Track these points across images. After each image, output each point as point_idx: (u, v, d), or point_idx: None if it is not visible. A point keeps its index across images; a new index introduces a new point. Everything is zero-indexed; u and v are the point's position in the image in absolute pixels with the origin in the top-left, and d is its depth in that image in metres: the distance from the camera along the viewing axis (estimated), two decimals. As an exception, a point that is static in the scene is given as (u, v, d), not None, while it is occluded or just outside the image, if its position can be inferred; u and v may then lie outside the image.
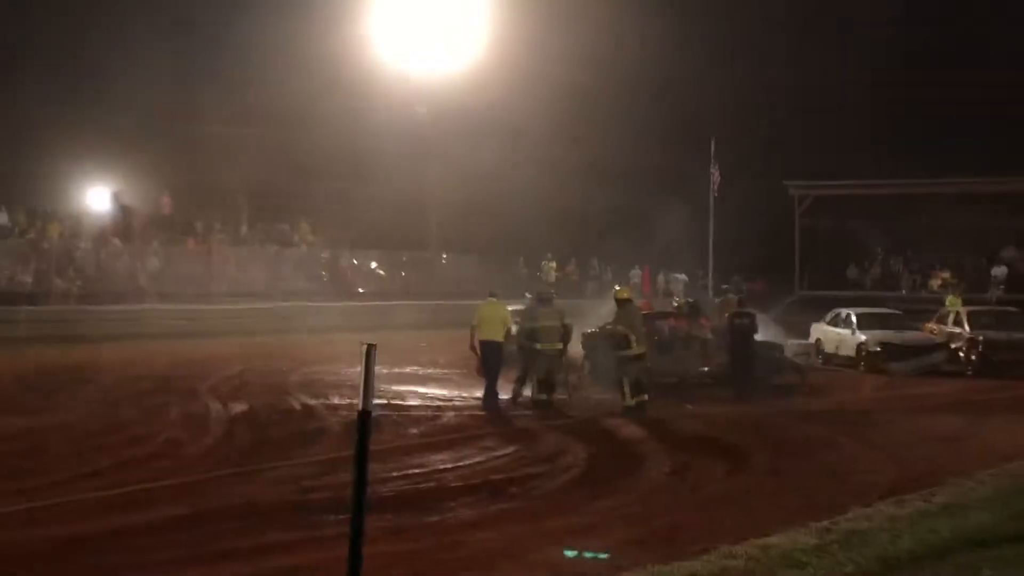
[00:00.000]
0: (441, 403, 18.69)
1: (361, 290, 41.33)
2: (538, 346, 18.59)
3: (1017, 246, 42.46)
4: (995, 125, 45.31)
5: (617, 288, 19.74)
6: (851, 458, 14.10)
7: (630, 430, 16.16)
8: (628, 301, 18.54)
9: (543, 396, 18.37)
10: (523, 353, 18.88)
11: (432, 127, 42.56)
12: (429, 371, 24.09)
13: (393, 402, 18.34)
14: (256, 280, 37.76)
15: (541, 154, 43.22)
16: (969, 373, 25.05)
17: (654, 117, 46.80)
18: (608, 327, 19.18)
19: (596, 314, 24.25)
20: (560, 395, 18.88)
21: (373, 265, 43.13)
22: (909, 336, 26.64)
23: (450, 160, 42.76)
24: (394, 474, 12.29)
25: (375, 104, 40.08)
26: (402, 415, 17.00)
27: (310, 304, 36.51)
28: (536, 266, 45.84)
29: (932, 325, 28.89)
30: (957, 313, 28.09)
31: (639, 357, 17.90)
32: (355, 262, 42.48)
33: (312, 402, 18.24)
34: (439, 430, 15.80)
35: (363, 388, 5.98)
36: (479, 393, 19.34)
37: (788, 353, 23.33)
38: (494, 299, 19.06)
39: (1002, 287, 39.13)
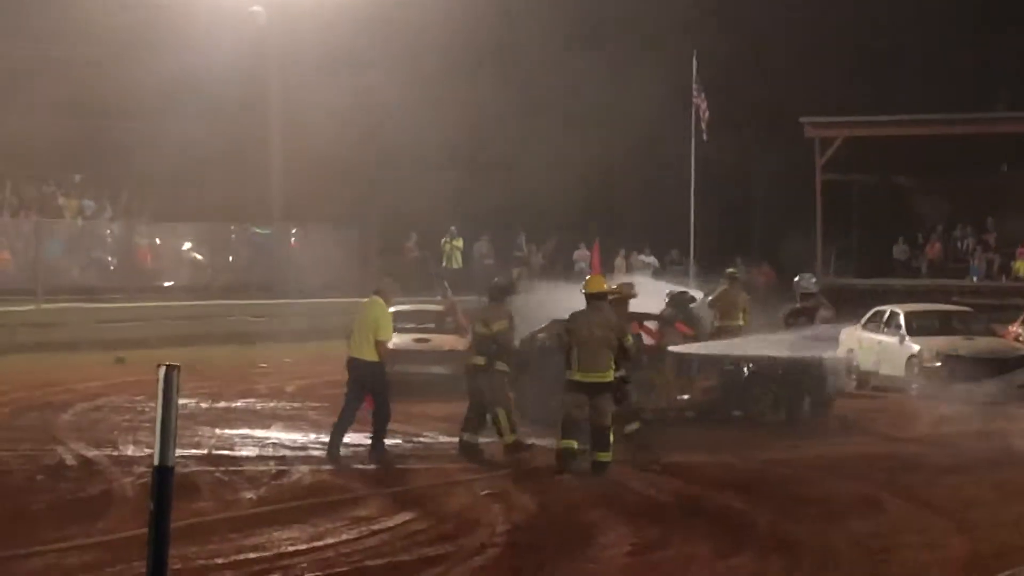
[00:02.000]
0: (290, 452, 18.62)
1: (168, 283, 40.95)
2: (469, 361, 18.89)
3: None
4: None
5: (589, 278, 19.56)
6: (898, 525, 14.27)
7: (574, 488, 16.20)
8: (602, 297, 18.15)
9: (464, 436, 18.62)
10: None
11: (279, 42, 42.29)
12: (271, 405, 23.98)
13: (217, 452, 18.21)
14: (6, 268, 37.36)
15: (445, 87, 43.20)
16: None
17: (606, 22, 47.01)
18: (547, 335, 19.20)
19: (523, 315, 24.25)
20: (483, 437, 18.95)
21: (186, 246, 42.74)
22: (983, 345, 27.06)
23: (304, 92, 42.49)
24: (218, 561, 12.18)
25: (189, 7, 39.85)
26: (231, 472, 16.88)
27: (90, 305, 36.11)
28: (435, 246, 45.81)
29: (1017, 328, 29.35)
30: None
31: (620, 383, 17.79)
32: (158, 241, 42.09)
33: (92, 453, 18.05)
34: (287, 493, 15.73)
35: (160, 431, 5.91)
36: (348, 436, 19.29)
37: (807, 372, 23.50)
38: (377, 297, 19.04)
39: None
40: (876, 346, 28.15)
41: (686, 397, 22.04)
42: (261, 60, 42.60)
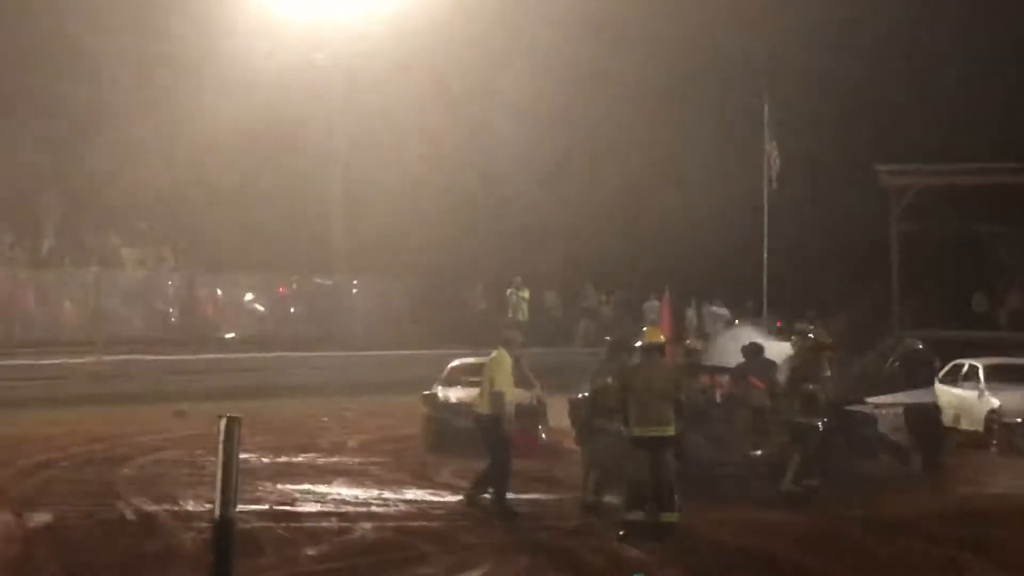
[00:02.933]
0: (352, 509, 18.61)
1: (229, 335, 41.18)
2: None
3: None
4: None
5: (646, 329, 19.52)
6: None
7: (641, 550, 16.05)
8: (659, 348, 17.92)
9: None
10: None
11: (340, 85, 42.61)
12: (333, 460, 23.98)
13: (278, 508, 18.25)
14: (67, 319, 37.56)
15: (507, 133, 43.40)
16: None
17: (679, 69, 47.06)
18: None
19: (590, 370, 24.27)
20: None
21: (248, 297, 42.99)
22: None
23: (366, 137, 42.72)
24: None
25: (245, 52, 40.19)
26: (292, 528, 16.91)
27: (150, 357, 36.34)
28: (500, 297, 45.85)
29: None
30: None
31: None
32: (219, 292, 42.36)
33: (152, 508, 18.11)
34: (350, 550, 15.70)
35: (220, 483, 5.91)
36: (411, 493, 19.30)
37: (883, 427, 23.37)
38: (502, 349, 19.30)
39: None
40: (955, 400, 27.93)
41: (759, 452, 21.88)
42: (322, 108, 42.88)
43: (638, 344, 18.05)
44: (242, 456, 17.66)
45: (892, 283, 44.79)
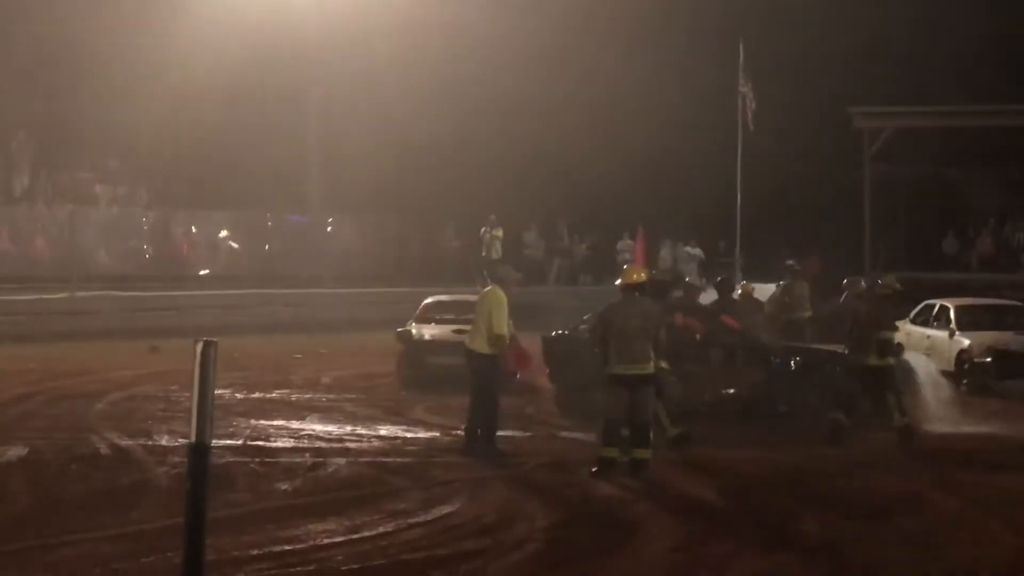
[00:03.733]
0: (326, 444, 18.63)
1: (204, 272, 41.10)
2: None
3: None
4: None
5: (625, 268, 19.44)
6: (947, 522, 14.26)
7: (615, 483, 16.18)
8: (639, 287, 17.65)
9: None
10: None
11: (318, 32, 42.40)
12: (307, 397, 24.03)
13: (252, 443, 18.26)
14: (41, 256, 37.57)
15: (485, 72, 43.26)
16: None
17: (652, 11, 46.92)
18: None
19: (565, 309, 24.32)
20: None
21: (222, 234, 42.89)
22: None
23: (342, 75, 42.55)
24: (253, 552, 12.21)
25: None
26: (266, 463, 16.94)
27: (125, 293, 36.27)
28: (473, 236, 45.79)
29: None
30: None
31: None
32: (194, 229, 42.27)
33: (126, 442, 18.12)
34: (324, 485, 15.75)
35: (197, 408, 5.86)
36: (384, 429, 19.27)
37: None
38: (495, 286, 18.87)
39: None
40: (925, 341, 28.08)
41: (731, 391, 21.98)
42: (300, 48, 42.64)
43: (617, 282, 17.94)
44: (216, 392, 17.72)
45: (864, 225, 44.91)
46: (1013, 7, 46.96)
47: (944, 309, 28.43)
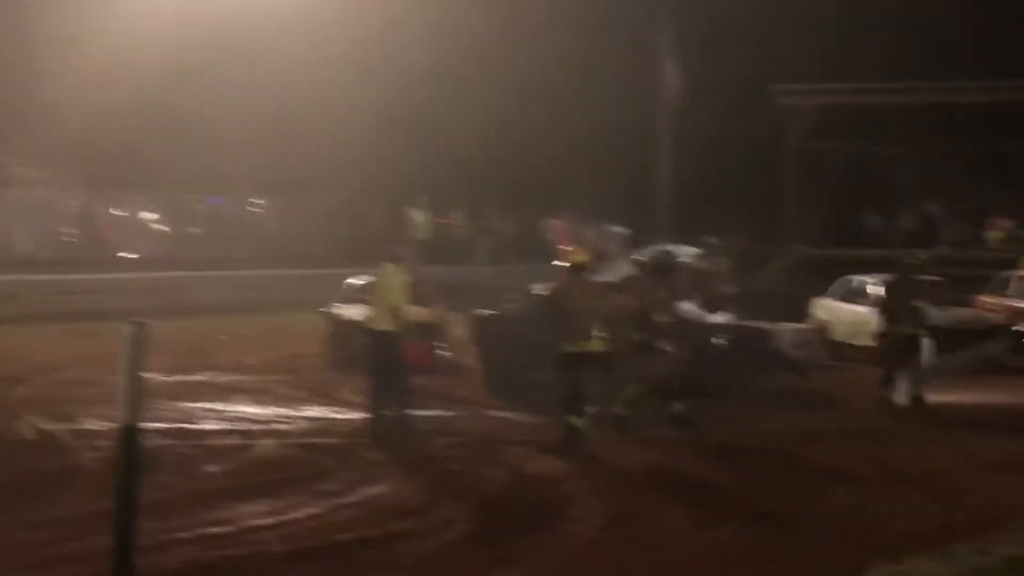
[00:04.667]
0: (254, 426, 18.55)
1: (129, 255, 40.81)
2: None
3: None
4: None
5: (571, 248, 19.44)
6: (875, 496, 14.38)
7: (545, 462, 16.20)
8: (585, 267, 17.94)
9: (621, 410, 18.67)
10: None
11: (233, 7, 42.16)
12: (234, 379, 23.88)
13: (180, 426, 18.13)
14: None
15: (412, 52, 43.13)
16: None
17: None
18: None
19: (492, 288, 24.30)
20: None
21: (147, 216, 42.63)
22: (955, 316, 27.11)
23: (268, 57, 42.35)
24: (182, 535, 12.15)
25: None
26: (195, 446, 16.82)
27: (48, 277, 35.97)
28: (400, 216, 45.73)
29: (989, 299, 29.46)
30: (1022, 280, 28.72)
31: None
32: (118, 212, 41.90)
33: (53, 427, 17.93)
34: (252, 467, 15.66)
35: (126, 390, 5.78)
36: (312, 410, 19.15)
37: (780, 343, 23.60)
38: (391, 265, 18.69)
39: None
40: (849, 317, 28.27)
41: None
42: (221, 27, 42.33)
43: (564, 263, 18.09)
44: (143, 374, 17.48)
45: (788, 202, 45.16)
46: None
47: (866, 286, 28.56)
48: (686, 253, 24.87)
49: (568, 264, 17.88)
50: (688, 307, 21.81)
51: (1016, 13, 46.33)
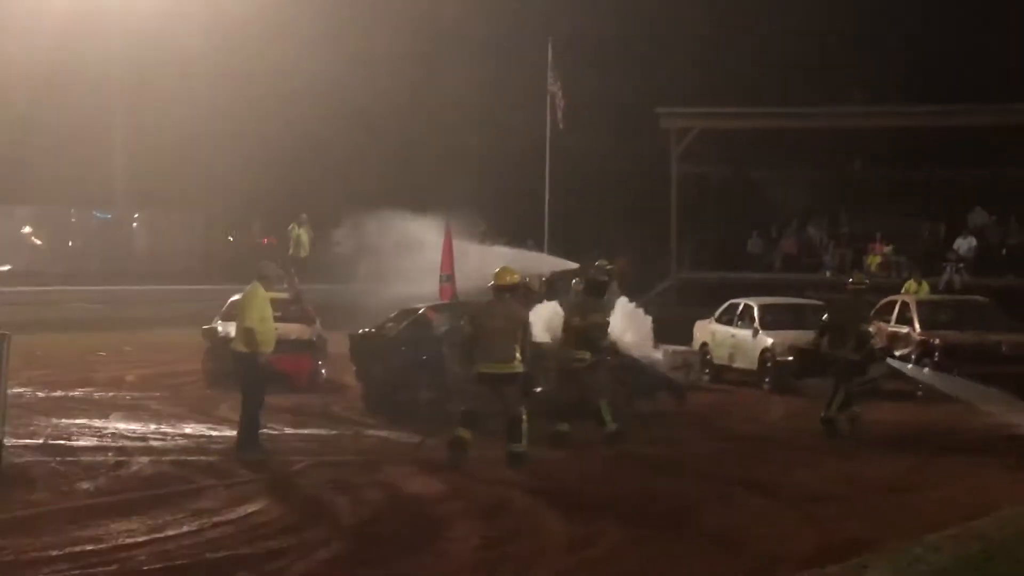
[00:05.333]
0: (129, 443, 18.41)
1: (5, 267, 40.30)
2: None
3: (988, 207, 43.95)
4: (960, 38, 47.09)
5: (498, 270, 19.34)
6: (750, 518, 14.48)
7: (421, 482, 16.22)
8: (511, 289, 18.03)
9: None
10: None
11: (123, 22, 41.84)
12: (111, 395, 23.69)
13: (53, 442, 17.96)
14: None
15: (296, 67, 43.09)
16: (920, 393, 26.03)
17: (464, 9, 47.05)
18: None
19: (372, 307, 24.32)
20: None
21: (25, 230, 42.17)
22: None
23: (150, 72, 42.08)
24: (53, 553, 11.99)
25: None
26: (68, 462, 16.65)
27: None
28: (282, 233, 45.51)
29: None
30: (904, 306, 29.12)
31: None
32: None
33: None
34: (127, 484, 15.55)
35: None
36: (189, 427, 19.07)
37: (661, 366, 23.72)
38: (257, 283, 18.28)
39: (961, 267, 40.34)
40: (730, 339, 28.57)
41: (539, 390, 22.10)
42: (104, 42, 42.01)
43: (490, 284, 18.17)
44: (16, 391, 17.39)
45: (671, 224, 45.41)
46: (813, 12, 47.97)
47: (748, 308, 28.87)
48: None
49: (496, 285, 17.97)
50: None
51: (896, 39, 47.11)
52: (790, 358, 26.71)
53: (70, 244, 43.51)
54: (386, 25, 45.50)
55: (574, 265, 29.55)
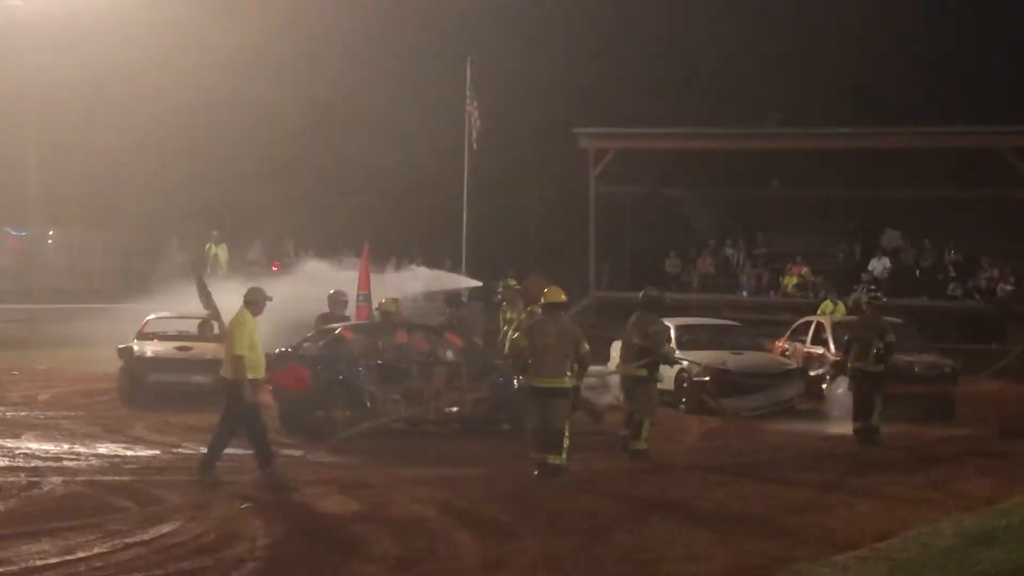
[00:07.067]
0: (42, 463, 18.29)
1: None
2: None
3: (901, 228, 44.46)
4: (876, 61, 47.67)
5: (548, 289, 19.43)
6: (662, 539, 14.52)
7: (337, 501, 16.22)
8: (562, 306, 19.02)
9: (636, 444, 20.37)
10: None
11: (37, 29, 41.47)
12: (23, 414, 23.55)
13: (-37, 462, 17.81)
14: None
15: (214, 83, 42.87)
16: (835, 414, 26.22)
17: (382, 27, 47.09)
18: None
19: (289, 325, 24.28)
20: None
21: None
22: (750, 360, 27.72)
23: (64, 84, 41.73)
24: (-40, 578, 11.96)
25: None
26: (-22, 483, 16.51)
27: None
28: (198, 251, 45.27)
29: (783, 344, 30.14)
30: (819, 327, 29.38)
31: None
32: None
33: None
34: (38, 506, 15.47)
35: None
36: (103, 447, 18.99)
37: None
38: (244, 309, 17.95)
39: (873, 288, 40.69)
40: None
41: (455, 409, 22.18)
42: (16, 56, 41.63)
43: (542, 302, 18.99)
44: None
45: (589, 244, 45.55)
46: (731, 34, 48.44)
47: (665, 329, 28.97)
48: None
49: (546, 302, 18.82)
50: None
51: (812, 62, 47.56)
52: (706, 379, 26.88)
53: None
54: (303, 43, 45.44)
55: (477, 283, 29.87)
